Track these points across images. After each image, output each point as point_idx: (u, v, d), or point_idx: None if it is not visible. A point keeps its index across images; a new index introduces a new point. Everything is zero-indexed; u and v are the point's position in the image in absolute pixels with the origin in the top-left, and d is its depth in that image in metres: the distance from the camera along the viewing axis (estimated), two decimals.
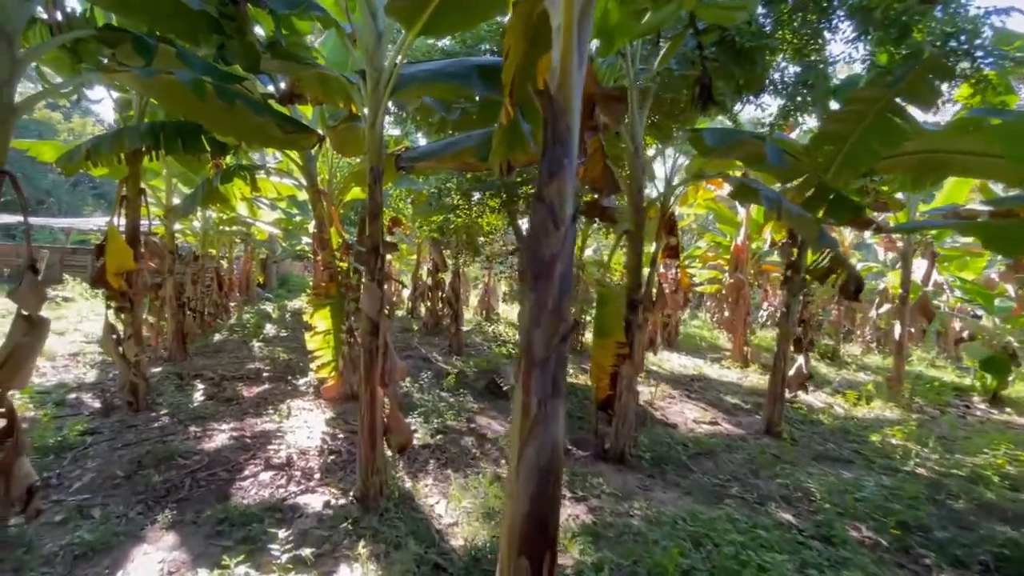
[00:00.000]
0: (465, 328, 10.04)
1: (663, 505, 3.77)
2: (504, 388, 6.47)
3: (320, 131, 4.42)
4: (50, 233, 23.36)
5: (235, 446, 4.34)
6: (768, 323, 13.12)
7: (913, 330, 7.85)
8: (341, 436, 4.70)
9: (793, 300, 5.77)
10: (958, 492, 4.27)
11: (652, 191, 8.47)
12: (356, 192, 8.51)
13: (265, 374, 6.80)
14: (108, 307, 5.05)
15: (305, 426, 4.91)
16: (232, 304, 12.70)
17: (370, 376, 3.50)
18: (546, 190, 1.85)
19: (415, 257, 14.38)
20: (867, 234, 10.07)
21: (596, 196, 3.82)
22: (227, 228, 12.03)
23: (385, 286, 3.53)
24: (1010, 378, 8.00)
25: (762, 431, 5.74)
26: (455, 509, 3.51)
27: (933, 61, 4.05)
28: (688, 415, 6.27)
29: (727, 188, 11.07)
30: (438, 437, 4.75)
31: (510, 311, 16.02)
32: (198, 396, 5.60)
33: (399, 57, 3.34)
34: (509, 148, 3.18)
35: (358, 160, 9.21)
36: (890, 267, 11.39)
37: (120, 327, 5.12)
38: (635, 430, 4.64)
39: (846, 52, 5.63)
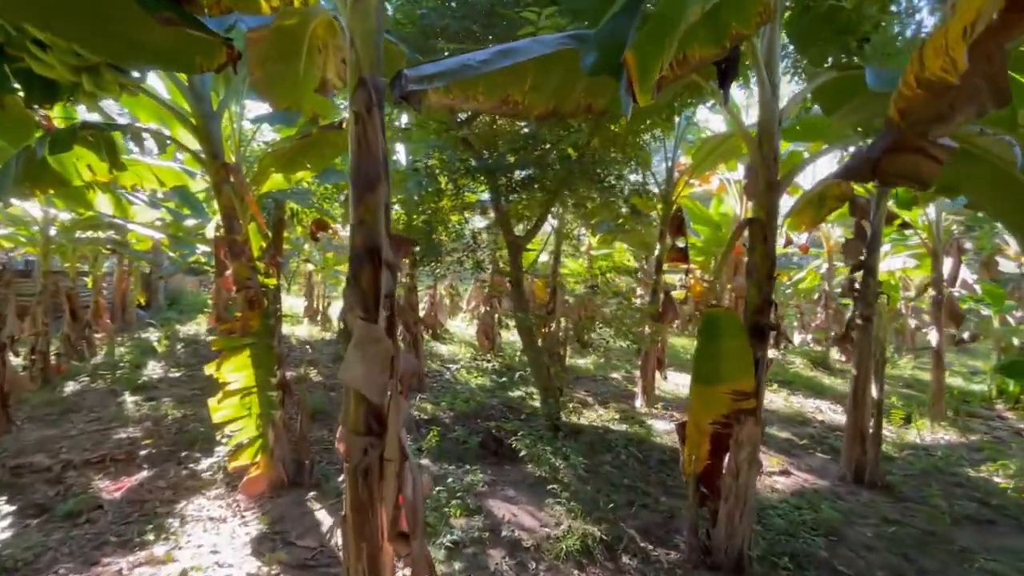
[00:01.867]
0: None
1: None
2: (510, 444, 4.69)
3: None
4: None
5: None
6: None
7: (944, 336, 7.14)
8: None
9: (874, 310, 4.61)
10: None
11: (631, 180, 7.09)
12: (277, 181, 6.25)
13: (143, 451, 4.44)
14: None
15: (215, 567, 2.82)
16: (100, 335, 9.64)
17: (363, 524, 1.65)
18: None
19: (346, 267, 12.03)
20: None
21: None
22: (91, 234, 9.03)
23: (399, 333, 1.69)
24: None
25: (849, 480, 4.51)
26: None
27: None
28: None
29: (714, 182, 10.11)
30: (455, 564, 2.90)
31: (460, 327, 14.13)
32: (8, 519, 3.24)
33: None
34: (687, 41, 1.51)
35: (279, 136, 6.94)
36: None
37: None
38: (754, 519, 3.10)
39: None
